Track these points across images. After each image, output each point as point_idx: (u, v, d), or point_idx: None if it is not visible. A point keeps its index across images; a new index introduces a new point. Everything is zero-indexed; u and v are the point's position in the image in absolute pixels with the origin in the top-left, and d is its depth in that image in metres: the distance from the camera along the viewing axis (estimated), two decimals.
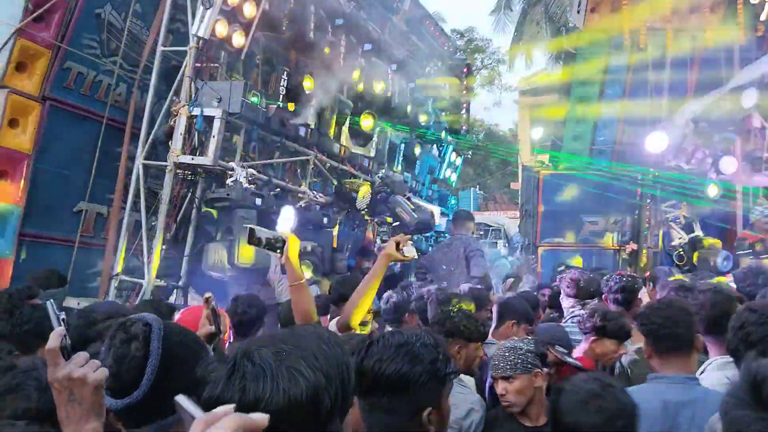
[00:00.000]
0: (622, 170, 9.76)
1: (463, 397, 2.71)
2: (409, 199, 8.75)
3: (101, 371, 1.38)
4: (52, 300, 1.48)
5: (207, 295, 2.54)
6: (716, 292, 2.90)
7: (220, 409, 0.81)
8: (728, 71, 9.95)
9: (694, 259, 8.61)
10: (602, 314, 3.53)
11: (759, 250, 8.80)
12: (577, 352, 3.55)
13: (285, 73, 6.93)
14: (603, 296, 4.46)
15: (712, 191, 8.89)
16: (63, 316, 1.45)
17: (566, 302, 4.71)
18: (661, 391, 2.45)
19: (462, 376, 2.90)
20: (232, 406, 0.84)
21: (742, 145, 9.67)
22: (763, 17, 9.93)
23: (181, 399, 0.86)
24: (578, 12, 10.10)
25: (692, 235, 8.96)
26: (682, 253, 8.78)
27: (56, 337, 1.38)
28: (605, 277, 4.58)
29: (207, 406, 1.14)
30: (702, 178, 8.96)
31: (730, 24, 10.10)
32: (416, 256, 6.26)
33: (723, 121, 9.59)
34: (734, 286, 4.31)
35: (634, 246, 9.26)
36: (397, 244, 2.84)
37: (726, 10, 10.08)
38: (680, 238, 9.00)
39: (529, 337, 3.14)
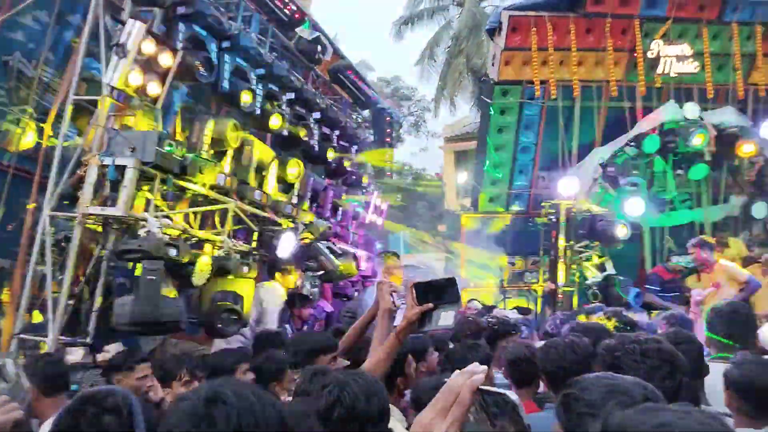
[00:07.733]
0: (538, 213, 10.19)
1: None
2: (333, 245, 8.77)
3: (11, 415, 1.49)
4: None
5: None
6: None
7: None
8: (631, 119, 10.71)
9: (607, 297, 8.99)
10: None
11: (667, 287, 9.35)
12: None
13: (206, 121, 6.89)
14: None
15: (621, 232, 9.38)
16: None
17: None
18: None
19: None
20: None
21: (647, 188, 10.35)
22: (659, 70, 10.80)
23: None
24: (493, 65, 10.64)
25: (605, 273, 9.37)
26: (596, 290, 9.15)
27: None
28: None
29: None
30: (611, 220, 9.45)
31: (631, 76, 10.93)
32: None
33: (629, 166, 10.27)
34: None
35: (552, 285, 9.59)
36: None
37: (628, 63, 10.89)
38: (594, 277, 9.39)
39: None
